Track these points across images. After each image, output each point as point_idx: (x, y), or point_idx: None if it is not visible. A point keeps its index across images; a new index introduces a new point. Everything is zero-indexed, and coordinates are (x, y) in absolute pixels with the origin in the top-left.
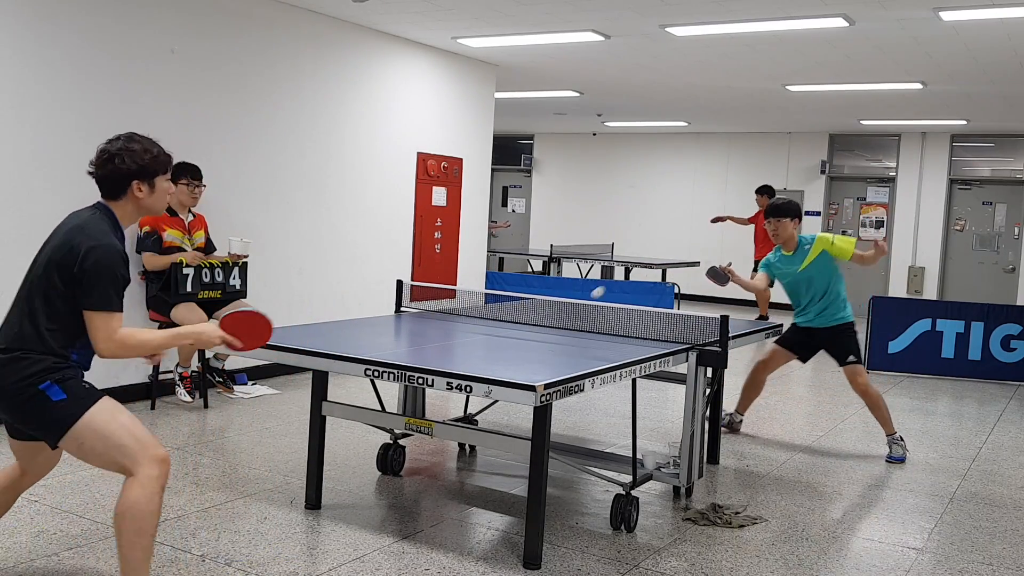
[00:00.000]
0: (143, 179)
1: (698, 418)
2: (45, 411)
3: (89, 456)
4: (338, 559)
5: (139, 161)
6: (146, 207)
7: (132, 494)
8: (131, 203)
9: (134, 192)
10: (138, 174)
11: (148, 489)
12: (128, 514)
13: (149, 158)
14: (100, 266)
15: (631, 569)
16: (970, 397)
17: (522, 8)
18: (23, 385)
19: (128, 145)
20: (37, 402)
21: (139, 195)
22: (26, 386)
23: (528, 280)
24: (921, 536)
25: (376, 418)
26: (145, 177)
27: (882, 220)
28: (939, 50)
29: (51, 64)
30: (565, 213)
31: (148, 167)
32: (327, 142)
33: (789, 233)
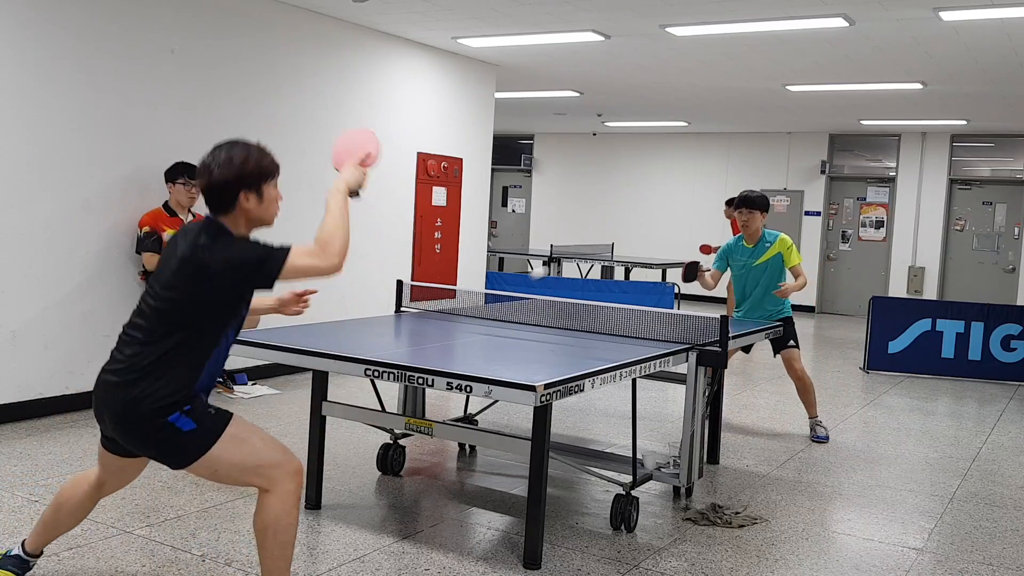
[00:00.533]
0: (249, 188)
1: (698, 418)
2: (174, 442)
3: (223, 479)
4: (338, 559)
5: (245, 170)
6: (255, 219)
7: (273, 510)
8: (242, 215)
9: (242, 204)
10: (246, 184)
11: (287, 504)
12: (271, 529)
13: (254, 166)
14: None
15: (631, 569)
16: (970, 397)
17: (522, 8)
18: (150, 418)
19: (222, 154)
20: (166, 434)
21: (247, 205)
22: (153, 418)
23: (528, 280)
24: (921, 536)
25: (376, 418)
26: (252, 186)
27: (882, 220)
28: (939, 50)
29: (51, 64)
30: (565, 213)
31: (256, 176)
32: (327, 142)
33: (757, 225)
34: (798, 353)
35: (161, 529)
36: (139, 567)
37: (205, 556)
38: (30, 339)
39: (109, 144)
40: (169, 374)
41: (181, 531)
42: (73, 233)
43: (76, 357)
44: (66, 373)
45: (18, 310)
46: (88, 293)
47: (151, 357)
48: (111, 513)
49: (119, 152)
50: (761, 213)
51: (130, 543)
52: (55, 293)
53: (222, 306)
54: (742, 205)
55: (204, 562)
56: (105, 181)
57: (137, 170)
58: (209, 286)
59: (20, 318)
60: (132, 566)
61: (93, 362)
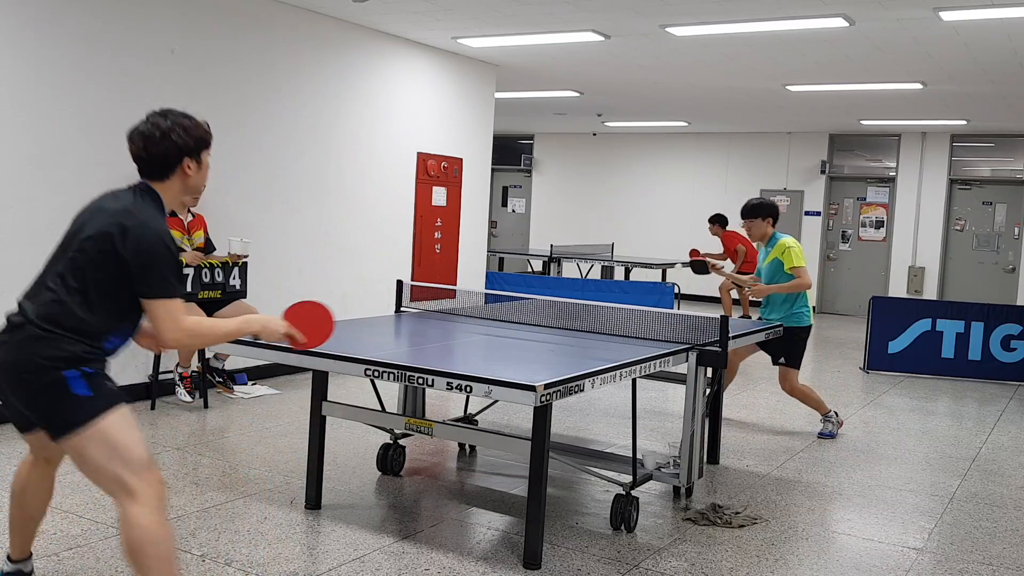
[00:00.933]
0: (193, 155)
1: (698, 418)
2: (61, 401)
3: (88, 462)
4: (338, 559)
5: (194, 136)
6: (193, 185)
7: (144, 523)
8: (179, 182)
9: (184, 169)
10: (192, 150)
11: (156, 513)
12: (150, 544)
13: (200, 132)
14: (155, 251)
15: (631, 569)
16: (970, 397)
17: (522, 8)
18: (47, 366)
19: (179, 121)
20: (55, 388)
21: (189, 172)
22: (50, 368)
23: (528, 280)
24: (921, 536)
25: (376, 418)
26: (195, 153)
27: (882, 220)
28: (939, 50)
29: (51, 64)
30: (565, 213)
31: (200, 142)
32: (327, 142)
33: (763, 231)
34: (788, 373)
35: None
36: None
37: (205, 556)
38: None
39: (109, 144)
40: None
41: (181, 531)
42: None
43: None
44: None
45: None
46: None
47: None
48: (111, 513)
49: (119, 152)
50: (764, 219)
51: None
52: None
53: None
54: (743, 215)
55: (204, 562)
56: (105, 181)
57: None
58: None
59: None
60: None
61: None
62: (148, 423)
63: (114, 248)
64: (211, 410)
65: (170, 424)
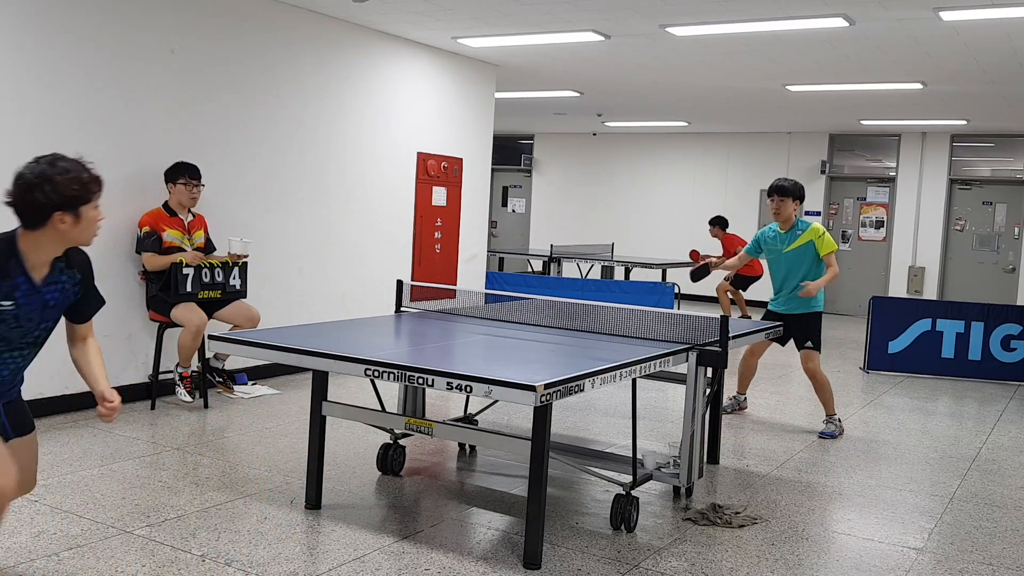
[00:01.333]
0: (67, 210)
1: (698, 418)
2: None
3: None
4: (338, 559)
5: (62, 192)
6: (71, 239)
7: None
8: (52, 233)
9: (56, 224)
10: (61, 205)
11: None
12: None
13: (76, 188)
14: None
15: (631, 569)
16: (970, 397)
17: (522, 8)
18: None
19: (49, 172)
20: None
21: (62, 227)
22: None
23: (528, 280)
24: (921, 536)
25: (376, 418)
26: (69, 208)
27: (882, 220)
28: (939, 50)
29: (51, 64)
30: (565, 213)
31: (74, 198)
32: (327, 142)
33: (789, 212)
34: (812, 354)
35: (161, 529)
36: (139, 567)
37: (205, 556)
38: None
39: (109, 144)
40: None
41: (181, 531)
42: None
43: None
44: (66, 373)
45: None
46: None
47: None
48: (111, 513)
49: (119, 152)
50: (793, 200)
51: (130, 543)
52: None
53: None
54: (773, 192)
55: (204, 562)
56: (105, 181)
57: (137, 170)
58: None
59: None
60: (132, 566)
61: None
62: (148, 423)
63: None
64: (211, 410)
65: (170, 424)
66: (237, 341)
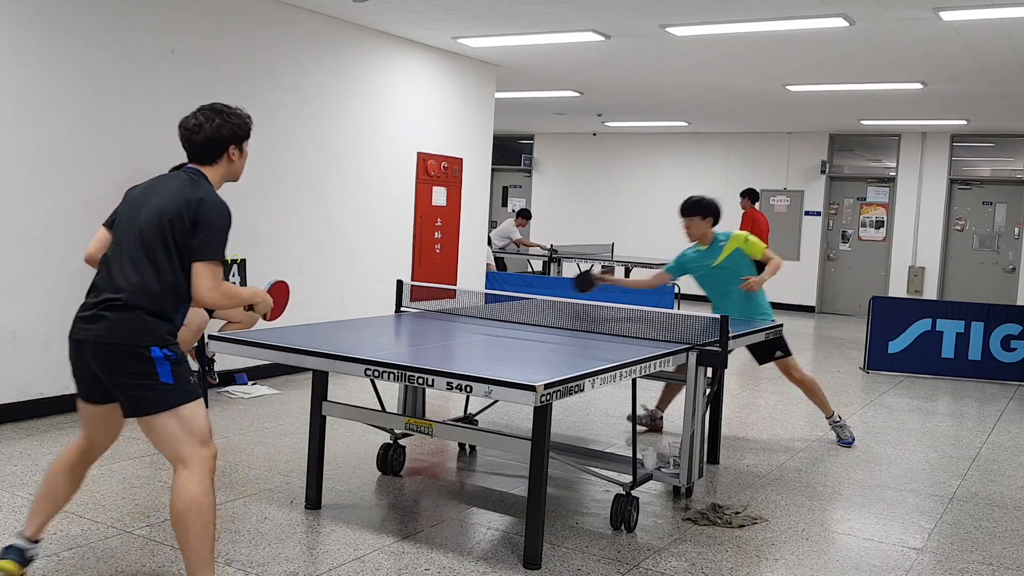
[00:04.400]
0: (238, 143)
1: (698, 418)
2: (145, 381)
3: (154, 437)
4: (338, 559)
5: (238, 127)
6: (234, 171)
7: (193, 490)
8: (224, 167)
9: (229, 155)
10: (238, 138)
11: (205, 483)
12: (194, 510)
13: (243, 123)
14: (219, 219)
15: (631, 569)
16: (970, 397)
17: (522, 8)
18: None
19: (229, 110)
20: (142, 367)
21: (233, 159)
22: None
23: (528, 280)
24: (921, 536)
25: (376, 418)
26: (239, 141)
27: (882, 220)
28: (939, 50)
29: (51, 64)
30: (565, 213)
31: (245, 132)
32: (327, 142)
33: (702, 231)
34: (790, 362)
35: (161, 529)
36: (139, 567)
37: None
38: (30, 339)
39: (109, 144)
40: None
41: None
42: (73, 233)
43: None
44: (66, 373)
45: (18, 310)
46: None
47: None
48: (111, 513)
49: (119, 152)
50: (704, 219)
51: (130, 543)
52: (55, 293)
53: None
54: (680, 213)
55: None
56: (105, 181)
57: (137, 170)
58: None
59: (20, 318)
60: (132, 566)
61: None
62: None
63: (182, 221)
64: (211, 410)
65: None
66: (237, 341)
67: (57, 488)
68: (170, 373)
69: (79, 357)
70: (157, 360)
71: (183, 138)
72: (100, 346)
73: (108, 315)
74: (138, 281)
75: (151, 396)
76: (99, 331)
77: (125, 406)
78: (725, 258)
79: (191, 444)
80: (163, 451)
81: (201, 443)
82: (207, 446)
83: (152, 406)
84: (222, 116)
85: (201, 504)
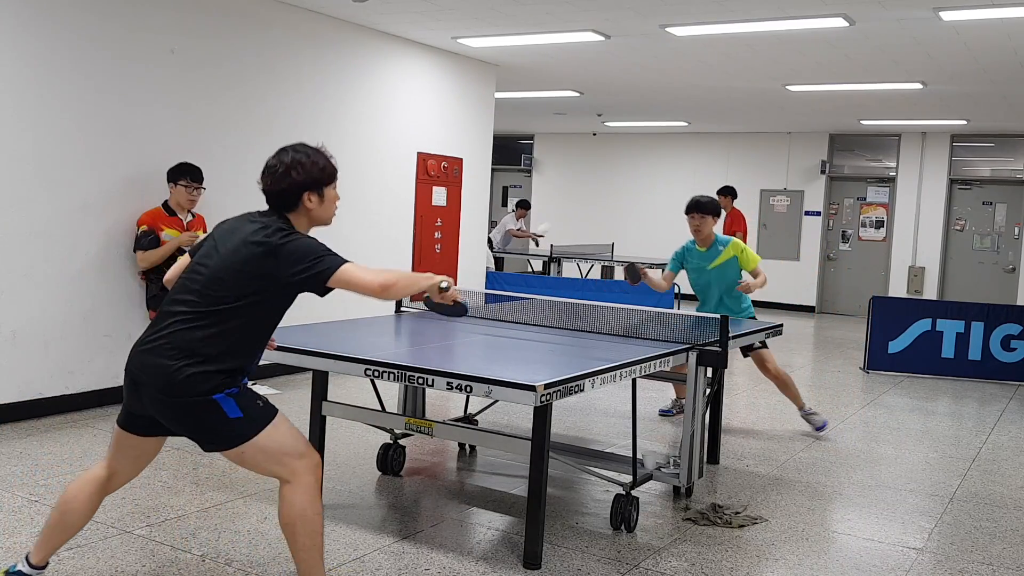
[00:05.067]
0: (314, 190)
1: (698, 418)
2: (216, 423)
3: (247, 465)
4: (338, 559)
5: (311, 173)
6: (316, 218)
7: (298, 502)
8: (303, 215)
9: (305, 204)
10: (310, 185)
11: (310, 494)
12: (299, 521)
13: (318, 170)
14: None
15: (631, 569)
16: (970, 397)
17: (522, 8)
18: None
19: (298, 158)
20: (209, 412)
21: (310, 206)
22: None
23: (528, 280)
24: (921, 536)
25: (376, 418)
26: (316, 188)
27: (882, 220)
28: (939, 50)
29: (51, 64)
30: (565, 213)
31: (319, 178)
32: (327, 142)
33: (709, 231)
34: (768, 353)
35: (161, 529)
36: (139, 567)
37: (205, 556)
38: (30, 339)
39: (109, 144)
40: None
41: (181, 531)
42: (73, 233)
43: (76, 357)
44: (66, 373)
45: (18, 310)
46: (88, 293)
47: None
48: (111, 513)
49: (119, 152)
50: (712, 218)
51: (130, 543)
52: (55, 293)
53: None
54: (693, 210)
55: (204, 562)
56: (105, 181)
57: (137, 170)
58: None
59: (20, 318)
60: (132, 566)
61: (93, 362)
62: None
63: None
64: None
65: None
66: None
67: (72, 519)
68: (236, 407)
69: (135, 394)
70: (221, 402)
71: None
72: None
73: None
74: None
75: (224, 434)
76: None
77: (202, 445)
78: (723, 262)
79: (286, 462)
80: (263, 474)
81: (298, 456)
82: (305, 457)
83: (231, 442)
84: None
85: (306, 515)
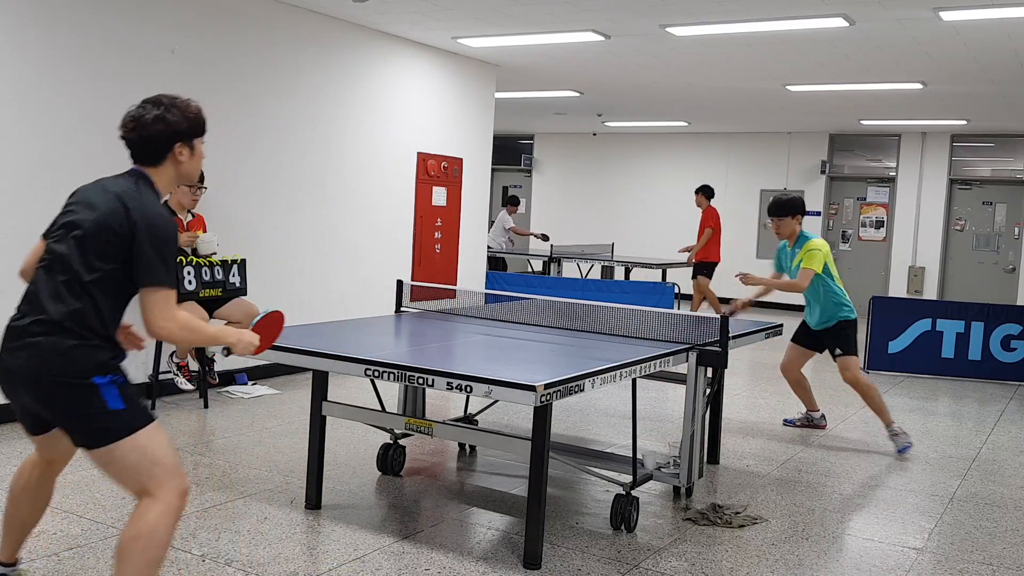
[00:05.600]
0: (186, 141)
1: (698, 418)
2: (92, 412)
3: (113, 472)
4: (338, 559)
5: (186, 119)
6: (185, 172)
7: (151, 518)
8: (172, 168)
9: (176, 156)
10: (184, 135)
11: (168, 516)
12: (145, 539)
13: (192, 117)
14: (161, 239)
15: (631, 569)
16: (970, 397)
17: (522, 8)
18: (77, 375)
19: (172, 103)
20: (85, 397)
21: (181, 159)
22: (79, 377)
23: (528, 280)
24: (921, 536)
25: (376, 418)
26: (188, 138)
27: (882, 220)
28: (939, 50)
29: (52, 64)
30: (565, 213)
31: (193, 127)
32: (327, 142)
33: (792, 229)
34: (849, 362)
35: None
36: None
37: (205, 556)
38: None
39: (109, 144)
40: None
41: (181, 531)
42: None
43: None
44: None
45: None
46: None
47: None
48: (111, 513)
49: (119, 152)
50: (793, 216)
51: None
52: None
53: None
54: (769, 213)
55: (204, 562)
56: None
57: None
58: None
59: None
60: None
61: None
62: None
63: (120, 237)
64: (211, 410)
65: (170, 424)
66: None
67: (22, 511)
68: (119, 397)
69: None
70: (102, 387)
71: (121, 134)
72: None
73: (37, 341)
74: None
75: (102, 426)
76: (27, 359)
77: (75, 439)
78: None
79: (158, 473)
80: (127, 485)
81: (171, 473)
82: (177, 477)
83: (108, 436)
84: (163, 108)
85: (155, 535)
